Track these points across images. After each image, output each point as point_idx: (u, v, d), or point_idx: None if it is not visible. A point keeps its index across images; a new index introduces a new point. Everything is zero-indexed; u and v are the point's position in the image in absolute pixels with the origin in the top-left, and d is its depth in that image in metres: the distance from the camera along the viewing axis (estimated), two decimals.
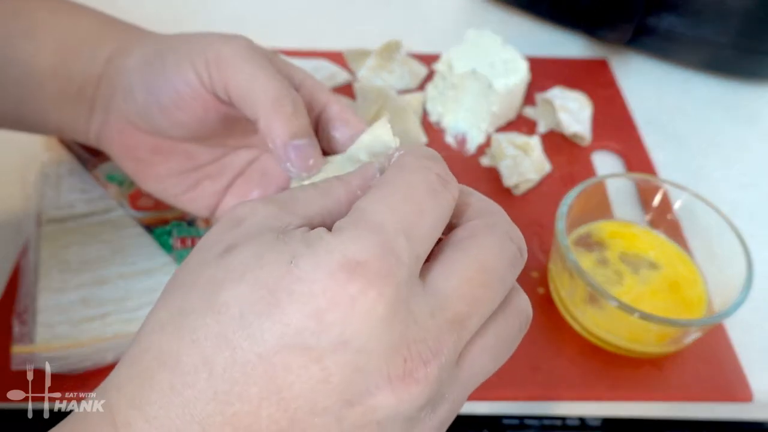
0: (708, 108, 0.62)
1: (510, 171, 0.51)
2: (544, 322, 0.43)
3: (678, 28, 0.60)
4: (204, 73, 0.30)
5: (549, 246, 0.47)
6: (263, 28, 0.67)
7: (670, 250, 0.45)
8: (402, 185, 0.21)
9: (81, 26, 0.35)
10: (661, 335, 0.39)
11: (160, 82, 0.32)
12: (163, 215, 0.44)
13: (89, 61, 0.34)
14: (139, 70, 0.33)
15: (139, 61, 0.33)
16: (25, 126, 0.37)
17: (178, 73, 0.31)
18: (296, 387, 0.18)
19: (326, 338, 0.18)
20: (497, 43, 0.56)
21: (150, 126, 0.34)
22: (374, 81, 0.59)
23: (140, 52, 0.33)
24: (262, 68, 0.30)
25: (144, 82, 0.32)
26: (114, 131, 0.35)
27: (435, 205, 0.21)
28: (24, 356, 0.36)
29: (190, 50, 0.31)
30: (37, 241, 0.42)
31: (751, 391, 0.40)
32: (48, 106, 0.35)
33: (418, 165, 0.22)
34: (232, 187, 0.36)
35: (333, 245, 0.19)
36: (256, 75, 0.29)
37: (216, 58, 0.30)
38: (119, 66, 0.34)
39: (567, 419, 0.42)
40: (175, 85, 0.31)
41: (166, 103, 0.32)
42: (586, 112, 0.57)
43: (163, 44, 0.33)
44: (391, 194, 0.21)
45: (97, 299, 0.39)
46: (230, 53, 0.30)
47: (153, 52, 0.33)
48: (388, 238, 0.19)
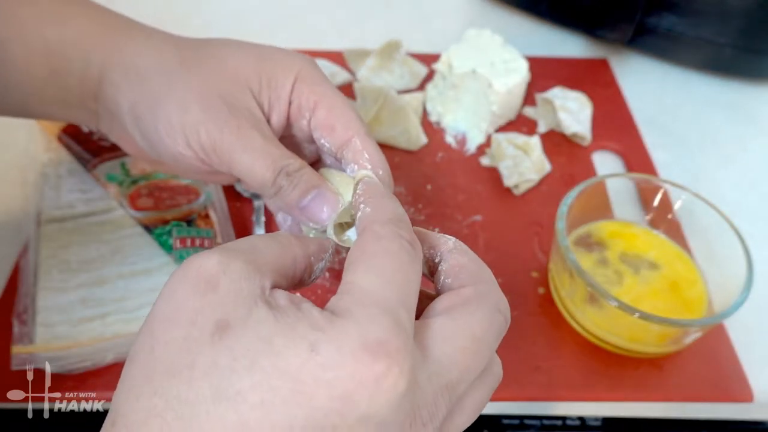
0: (708, 108, 0.62)
1: (510, 171, 0.51)
2: (544, 322, 0.43)
3: (678, 28, 0.60)
4: (202, 154, 0.31)
5: (549, 246, 0.47)
6: (263, 28, 0.67)
7: (670, 250, 0.45)
8: (387, 257, 0.22)
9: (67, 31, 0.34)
10: (661, 335, 0.39)
11: (156, 143, 0.32)
12: (163, 215, 0.44)
13: (81, 76, 0.34)
14: (132, 118, 0.33)
15: (129, 106, 0.33)
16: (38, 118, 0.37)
17: (174, 147, 0.31)
18: None
19: (351, 415, 0.19)
20: (497, 43, 0.56)
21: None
22: (374, 81, 0.59)
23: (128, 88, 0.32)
24: (260, 158, 0.30)
25: (140, 133, 0.33)
26: (123, 140, 0.36)
27: (415, 270, 0.22)
28: (24, 356, 0.36)
29: (182, 124, 0.31)
30: (36, 241, 0.42)
31: (751, 391, 0.40)
32: (54, 108, 0.35)
33: (391, 233, 0.23)
34: None
35: (350, 328, 0.20)
36: (253, 167, 0.30)
37: (213, 147, 0.30)
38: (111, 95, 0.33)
39: (567, 419, 0.42)
40: (173, 152, 0.32)
41: (164, 157, 0.33)
42: (586, 112, 0.57)
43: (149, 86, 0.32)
44: (381, 267, 0.22)
45: (96, 299, 0.39)
46: (226, 145, 0.30)
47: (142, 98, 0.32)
48: (396, 313, 0.20)
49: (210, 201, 0.46)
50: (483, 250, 0.47)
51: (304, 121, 0.33)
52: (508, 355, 0.41)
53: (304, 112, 0.33)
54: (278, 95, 0.33)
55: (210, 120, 0.30)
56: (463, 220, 0.49)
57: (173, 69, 0.32)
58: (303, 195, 0.30)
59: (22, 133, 0.48)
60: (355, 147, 0.32)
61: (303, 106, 0.33)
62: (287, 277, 0.23)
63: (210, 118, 0.30)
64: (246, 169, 0.30)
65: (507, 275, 0.45)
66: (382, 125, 0.54)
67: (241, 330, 0.20)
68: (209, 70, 0.32)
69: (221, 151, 0.30)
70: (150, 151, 0.34)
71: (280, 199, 0.30)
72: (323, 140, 0.33)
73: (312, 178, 0.30)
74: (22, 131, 0.49)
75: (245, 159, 0.30)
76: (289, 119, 0.33)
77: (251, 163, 0.30)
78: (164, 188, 0.46)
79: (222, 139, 0.30)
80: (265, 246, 0.23)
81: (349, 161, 0.32)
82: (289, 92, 0.33)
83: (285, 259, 0.23)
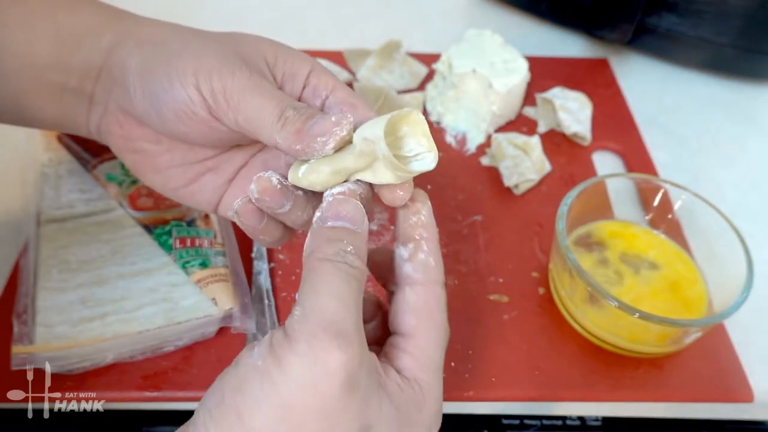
0: (708, 108, 0.62)
1: (510, 171, 0.51)
2: (544, 322, 0.43)
3: (678, 27, 0.60)
4: (210, 100, 0.30)
5: (549, 246, 0.47)
6: (263, 28, 0.67)
7: (671, 250, 0.45)
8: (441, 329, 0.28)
9: (79, 16, 0.34)
10: (661, 335, 0.39)
11: (161, 94, 0.31)
12: (162, 215, 0.44)
13: (89, 52, 0.33)
14: (139, 74, 0.32)
15: (139, 63, 0.32)
16: (24, 119, 0.36)
17: (184, 94, 0.31)
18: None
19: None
20: (497, 43, 0.56)
21: (150, 127, 0.33)
22: (374, 81, 0.59)
23: (141, 51, 0.33)
24: (270, 97, 0.30)
25: (145, 89, 0.32)
26: (114, 123, 0.35)
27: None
28: (24, 356, 0.36)
29: (195, 69, 0.31)
30: (36, 241, 0.42)
31: (751, 391, 0.40)
32: (48, 98, 0.34)
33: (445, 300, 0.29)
34: (235, 179, 0.36)
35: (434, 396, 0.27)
36: (263, 105, 0.30)
37: (223, 90, 0.30)
38: (119, 61, 0.33)
39: (567, 419, 0.42)
40: (178, 102, 0.31)
41: (168, 115, 0.32)
42: (586, 112, 0.57)
43: (164, 47, 0.32)
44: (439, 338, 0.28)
45: (96, 299, 0.39)
46: (237, 87, 0.30)
47: (154, 55, 0.32)
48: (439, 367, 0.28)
49: None
50: (483, 250, 0.47)
51: (318, 101, 0.33)
52: (508, 355, 0.41)
53: (321, 92, 0.33)
54: (293, 74, 0.33)
55: (224, 67, 0.30)
56: (463, 220, 0.49)
57: (189, 35, 0.33)
58: (310, 118, 0.29)
59: (22, 133, 0.48)
60: None
61: (320, 87, 0.33)
62: None
63: (224, 65, 0.30)
64: (255, 107, 0.30)
65: (507, 275, 0.45)
66: None
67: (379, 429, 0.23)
68: (226, 39, 0.33)
69: (231, 94, 0.30)
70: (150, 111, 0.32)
71: (287, 130, 0.29)
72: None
73: (317, 110, 0.30)
74: (22, 131, 0.48)
75: (255, 99, 0.30)
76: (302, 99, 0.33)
77: (260, 102, 0.30)
78: None
79: (233, 83, 0.30)
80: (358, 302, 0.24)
81: None
82: (307, 75, 0.33)
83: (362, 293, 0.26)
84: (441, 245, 0.46)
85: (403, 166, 0.27)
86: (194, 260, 0.41)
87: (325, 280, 0.24)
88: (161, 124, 0.32)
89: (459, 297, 0.43)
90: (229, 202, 0.35)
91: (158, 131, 0.33)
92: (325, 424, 0.21)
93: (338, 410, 0.21)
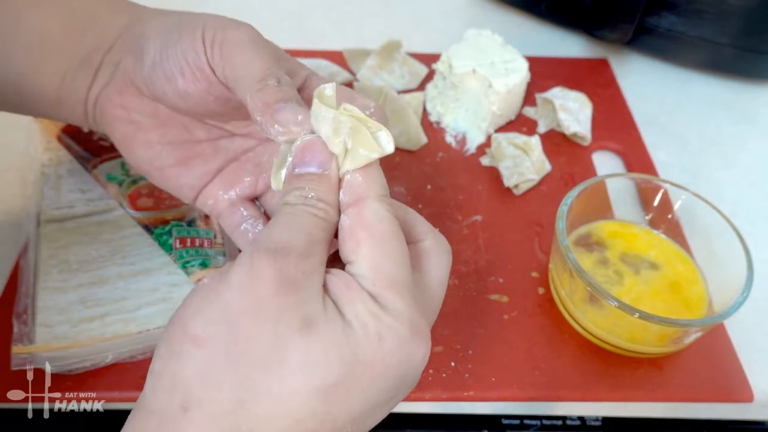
0: (708, 108, 0.62)
1: (510, 171, 0.51)
2: (544, 322, 0.43)
3: (678, 27, 0.60)
4: (209, 50, 0.31)
5: (549, 246, 0.47)
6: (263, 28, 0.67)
7: (671, 250, 0.45)
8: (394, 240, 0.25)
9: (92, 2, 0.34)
10: (661, 335, 0.39)
11: (171, 49, 0.32)
12: (162, 215, 0.44)
13: (102, 32, 0.34)
14: (156, 38, 0.33)
15: (158, 30, 0.33)
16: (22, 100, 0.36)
17: (190, 43, 0.31)
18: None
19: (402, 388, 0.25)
20: (497, 43, 0.56)
21: (152, 92, 0.33)
22: (374, 81, 0.59)
23: (160, 21, 0.33)
24: (261, 55, 0.30)
25: (158, 48, 0.32)
26: (114, 92, 0.34)
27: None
28: (24, 356, 0.36)
29: (205, 25, 0.31)
30: (36, 241, 0.42)
31: (751, 391, 0.40)
32: (51, 76, 0.34)
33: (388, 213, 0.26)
34: (223, 171, 0.35)
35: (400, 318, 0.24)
36: (252, 60, 0.30)
37: (222, 40, 0.30)
38: (137, 32, 0.34)
39: (567, 419, 0.42)
40: (184, 53, 0.31)
41: (172, 70, 0.32)
42: (586, 112, 0.57)
43: (183, 17, 0.33)
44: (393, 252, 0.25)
45: (96, 299, 0.39)
46: (236, 38, 0.30)
47: (173, 22, 0.33)
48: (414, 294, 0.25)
49: None
50: (483, 250, 0.47)
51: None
52: (508, 355, 0.41)
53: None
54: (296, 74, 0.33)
55: (232, 23, 0.31)
56: (463, 220, 0.49)
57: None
58: (283, 99, 0.29)
59: (22, 133, 0.48)
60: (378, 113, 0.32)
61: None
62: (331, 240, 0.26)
63: (234, 22, 0.32)
64: (243, 61, 0.30)
65: (507, 275, 0.45)
66: None
67: (324, 325, 0.22)
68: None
69: (228, 44, 0.30)
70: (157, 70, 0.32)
71: (260, 96, 0.29)
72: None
73: (297, 96, 0.30)
74: (22, 131, 0.49)
75: (246, 54, 0.30)
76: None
77: (250, 58, 0.30)
78: None
79: (234, 35, 0.31)
80: (317, 233, 0.25)
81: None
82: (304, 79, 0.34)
83: (330, 234, 0.25)
84: None
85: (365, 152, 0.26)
86: (194, 260, 0.41)
87: (281, 219, 0.25)
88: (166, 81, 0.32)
89: (459, 297, 0.43)
90: (211, 193, 0.35)
91: (159, 97, 0.33)
92: (260, 322, 0.21)
93: (274, 308, 0.22)
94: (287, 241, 0.23)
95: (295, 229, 0.24)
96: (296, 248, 0.23)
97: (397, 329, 0.23)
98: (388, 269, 0.24)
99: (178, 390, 0.21)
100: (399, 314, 0.24)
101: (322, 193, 0.26)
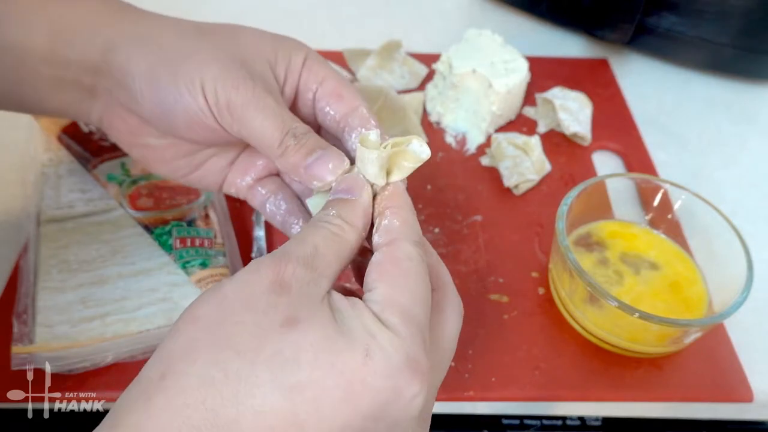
0: (708, 108, 0.62)
1: (510, 171, 0.51)
2: (544, 322, 0.43)
3: (678, 28, 0.60)
4: (216, 111, 0.31)
5: (549, 246, 0.47)
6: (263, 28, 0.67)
7: (670, 250, 0.45)
8: (419, 280, 0.25)
9: (75, 10, 0.34)
10: (661, 335, 0.39)
11: (172, 104, 0.32)
12: (162, 215, 0.44)
13: (85, 47, 0.33)
14: (147, 82, 0.32)
15: (145, 70, 0.32)
16: (25, 108, 0.37)
17: (193, 100, 0.31)
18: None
19: (383, 423, 0.22)
20: (497, 43, 0.56)
21: (157, 129, 0.34)
22: (374, 81, 0.59)
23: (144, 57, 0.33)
24: (271, 116, 0.31)
25: (153, 97, 0.32)
26: (118, 119, 0.35)
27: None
28: (24, 356, 0.36)
29: (202, 79, 0.31)
30: (36, 241, 0.42)
31: (751, 391, 0.40)
32: (46, 89, 0.34)
33: (419, 257, 0.26)
34: (236, 162, 0.37)
35: (397, 343, 0.23)
36: (264, 125, 0.31)
37: (227, 102, 0.31)
38: (119, 64, 0.33)
39: (567, 419, 0.42)
40: (189, 112, 0.32)
41: (178, 123, 0.32)
42: (586, 112, 0.57)
43: (167, 52, 0.32)
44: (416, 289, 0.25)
45: (96, 299, 0.39)
46: (240, 100, 0.31)
47: (159, 62, 0.32)
48: (425, 335, 0.24)
49: (210, 201, 0.46)
50: (483, 250, 0.47)
51: (309, 94, 0.34)
52: (508, 355, 0.41)
53: (312, 84, 0.33)
54: (292, 69, 0.33)
55: (227, 78, 0.31)
56: (463, 220, 0.49)
57: (192, 38, 0.33)
58: (309, 154, 0.30)
59: (22, 133, 0.48)
60: (362, 114, 0.33)
61: (311, 79, 0.33)
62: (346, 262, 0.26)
63: (228, 76, 0.31)
64: (257, 126, 0.31)
65: (507, 275, 0.45)
66: (382, 125, 0.54)
67: (308, 326, 0.22)
68: (228, 41, 0.33)
69: (234, 108, 0.31)
70: (159, 116, 0.33)
71: (286, 160, 0.31)
72: (329, 108, 0.33)
73: (318, 141, 0.31)
74: (22, 131, 0.49)
75: (257, 117, 0.31)
76: (297, 92, 0.34)
77: (262, 122, 0.31)
78: (164, 188, 0.46)
79: (237, 97, 0.31)
80: (325, 247, 0.25)
81: (355, 127, 0.33)
82: (301, 66, 0.33)
83: (342, 252, 0.26)
84: (441, 245, 0.47)
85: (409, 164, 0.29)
86: (194, 260, 0.41)
87: (299, 232, 0.26)
88: (170, 128, 0.33)
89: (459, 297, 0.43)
90: (231, 183, 0.36)
91: (166, 133, 0.34)
92: (247, 310, 0.22)
93: (263, 303, 0.22)
94: (292, 250, 0.24)
95: (304, 240, 0.25)
96: (298, 257, 0.24)
97: (389, 353, 0.22)
98: (403, 301, 0.24)
99: (163, 361, 0.22)
100: (397, 338, 0.23)
101: (344, 212, 0.27)
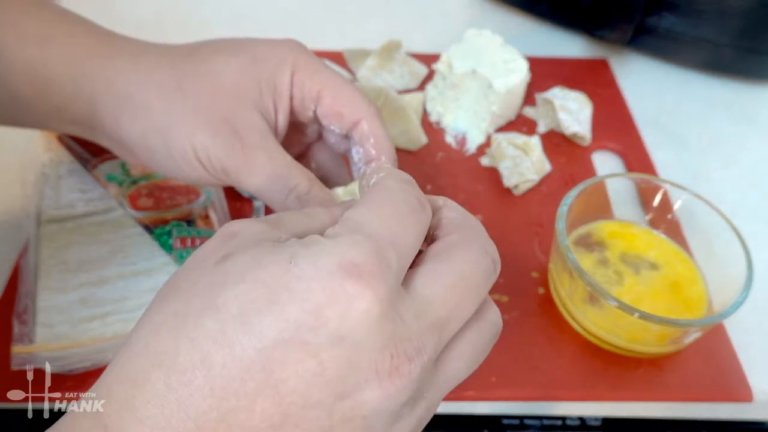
0: (708, 108, 0.62)
1: (510, 171, 0.51)
2: (544, 322, 0.43)
3: (678, 28, 0.60)
4: (213, 173, 0.32)
5: (549, 246, 0.47)
6: (263, 28, 0.67)
7: (670, 250, 0.45)
8: (388, 203, 0.23)
9: (50, 54, 0.33)
10: (661, 335, 0.39)
11: (172, 169, 0.33)
12: (163, 215, 0.44)
13: (70, 95, 0.34)
14: (141, 147, 0.33)
15: (136, 136, 0.33)
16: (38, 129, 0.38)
17: (191, 169, 0.32)
18: (292, 381, 0.19)
19: (323, 334, 0.19)
20: (497, 43, 0.56)
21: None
22: (374, 81, 0.59)
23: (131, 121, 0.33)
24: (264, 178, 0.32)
25: (150, 160, 0.34)
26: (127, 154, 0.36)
27: (416, 223, 0.23)
28: (24, 356, 0.36)
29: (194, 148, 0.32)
30: (36, 241, 0.42)
31: (751, 391, 0.40)
32: (48, 120, 0.35)
33: (400, 187, 0.24)
34: None
35: (331, 247, 0.20)
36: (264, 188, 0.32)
37: (222, 169, 0.32)
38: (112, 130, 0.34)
39: (567, 419, 0.42)
40: (189, 177, 0.33)
41: (177, 174, 0.34)
42: (586, 112, 0.57)
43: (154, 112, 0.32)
44: (380, 208, 0.22)
45: (96, 299, 0.39)
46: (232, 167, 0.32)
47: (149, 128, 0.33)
48: (380, 245, 0.21)
49: (210, 201, 0.46)
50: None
51: (309, 112, 0.34)
52: (508, 355, 0.41)
53: (308, 103, 0.33)
54: (280, 94, 0.33)
55: (216, 145, 0.31)
56: None
57: (172, 95, 0.32)
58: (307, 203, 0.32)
59: (22, 133, 0.48)
60: (362, 131, 0.33)
61: (306, 98, 0.33)
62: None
63: (216, 143, 0.31)
64: (256, 190, 0.32)
65: (507, 275, 0.45)
66: None
67: (241, 254, 0.21)
68: (209, 91, 0.32)
69: (229, 172, 0.32)
70: (160, 170, 0.35)
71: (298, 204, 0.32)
72: (332, 126, 0.34)
73: (322, 198, 0.32)
74: (22, 131, 0.48)
75: (253, 180, 0.32)
76: (293, 113, 0.34)
77: (259, 185, 0.32)
78: (164, 188, 0.46)
79: (228, 162, 0.32)
80: (290, 216, 0.24)
81: (356, 143, 0.33)
82: (289, 87, 0.33)
83: (312, 224, 0.24)
84: None
85: None
86: None
87: None
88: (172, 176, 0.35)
89: None
90: None
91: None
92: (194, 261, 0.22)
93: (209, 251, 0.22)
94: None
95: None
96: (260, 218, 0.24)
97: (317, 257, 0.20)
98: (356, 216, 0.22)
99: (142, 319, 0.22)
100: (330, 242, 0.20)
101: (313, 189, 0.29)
